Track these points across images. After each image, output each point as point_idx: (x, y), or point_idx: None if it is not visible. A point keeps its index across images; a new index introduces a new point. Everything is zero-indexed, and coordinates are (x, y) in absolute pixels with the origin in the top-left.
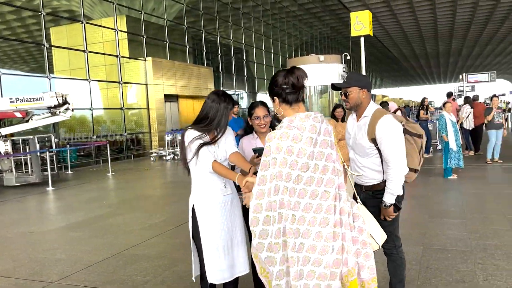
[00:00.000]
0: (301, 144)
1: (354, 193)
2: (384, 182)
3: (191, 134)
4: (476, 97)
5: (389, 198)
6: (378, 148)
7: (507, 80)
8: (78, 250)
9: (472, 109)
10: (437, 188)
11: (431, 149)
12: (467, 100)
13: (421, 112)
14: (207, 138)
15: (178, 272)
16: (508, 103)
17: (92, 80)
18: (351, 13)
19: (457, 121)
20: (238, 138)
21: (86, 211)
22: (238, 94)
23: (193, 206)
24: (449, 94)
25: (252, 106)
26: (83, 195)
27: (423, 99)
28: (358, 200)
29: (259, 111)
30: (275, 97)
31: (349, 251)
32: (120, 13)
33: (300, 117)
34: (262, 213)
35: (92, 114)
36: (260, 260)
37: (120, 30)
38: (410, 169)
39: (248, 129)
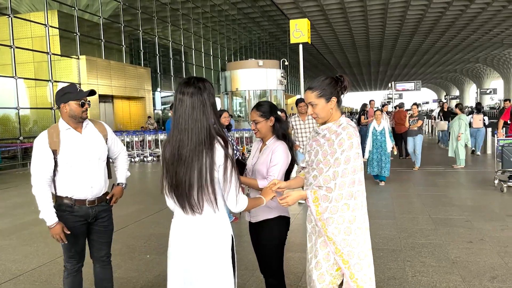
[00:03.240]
0: (358, 139)
1: None
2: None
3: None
4: (401, 105)
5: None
6: None
7: (430, 90)
8: (5, 259)
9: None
10: (369, 190)
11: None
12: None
13: (362, 117)
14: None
15: (116, 279)
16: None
17: (19, 78)
18: (290, 21)
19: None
20: None
21: (13, 217)
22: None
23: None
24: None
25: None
26: (9, 200)
27: (364, 105)
28: None
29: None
30: (333, 97)
31: None
32: (50, 7)
33: (348, 119)
34: (341, 201)
35: (18, 114)
36: (335, 242)
37: (51, 26)
38: None
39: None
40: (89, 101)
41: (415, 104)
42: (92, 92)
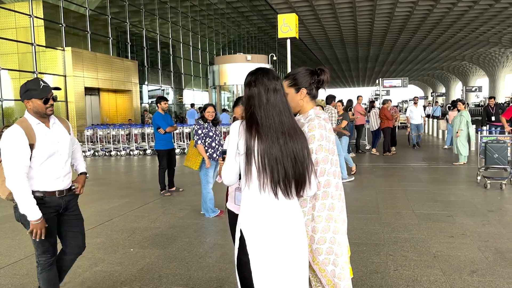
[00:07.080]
0: (327, 132)
1: None
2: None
3: None
4: (384, 101)
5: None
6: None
7: (417, 86)
8: None
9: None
10: (354, 185)
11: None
12: (371, 104)
13: (349, 113)
14: None
15: (98, 273)
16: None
17: (3, 69)
18: (278, 15)
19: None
20: (170, 135)
21: None
22: (163, 90)
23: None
24: (358, 98)
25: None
26: None
27: (350, 101)
28: None
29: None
30: (302, 88)
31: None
32: None
33: (319, 110)
34: None
35: (1, 106)
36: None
37: (36, 16)
38: None
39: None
40: (55, 95)
41: (340, 101)
42: (56, 88)
